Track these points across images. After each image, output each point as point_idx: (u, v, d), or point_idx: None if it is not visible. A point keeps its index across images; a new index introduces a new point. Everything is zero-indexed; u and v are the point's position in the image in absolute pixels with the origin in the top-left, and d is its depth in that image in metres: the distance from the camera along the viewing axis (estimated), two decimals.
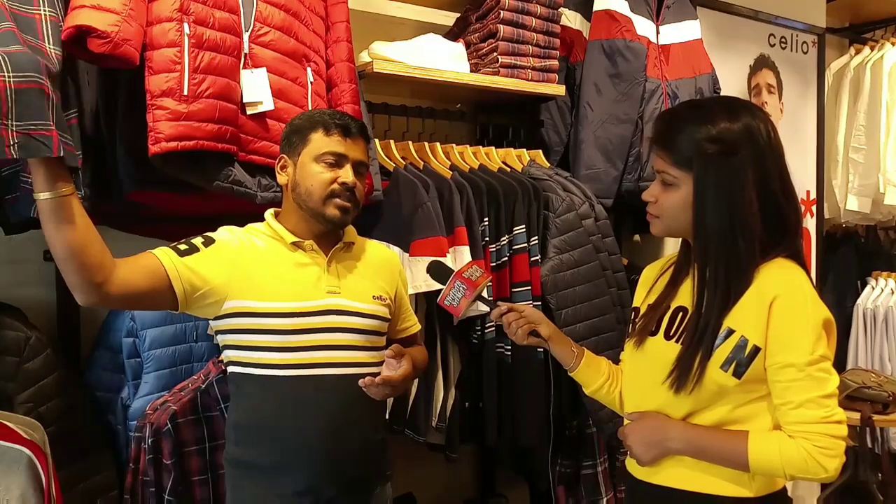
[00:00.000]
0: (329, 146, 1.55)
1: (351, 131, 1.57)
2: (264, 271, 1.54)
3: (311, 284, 1.56)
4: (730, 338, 1.30)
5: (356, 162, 1.58)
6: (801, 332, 1.27)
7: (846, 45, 3.99)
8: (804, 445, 1.25)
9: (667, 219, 1.39)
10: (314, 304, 1.54)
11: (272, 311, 1.51)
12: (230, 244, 1.55)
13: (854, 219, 3.82)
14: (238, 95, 1.74)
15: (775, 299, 1.28)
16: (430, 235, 2.02)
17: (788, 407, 1.27)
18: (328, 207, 1.55)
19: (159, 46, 1.62)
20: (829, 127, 3.77)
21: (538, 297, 2.22)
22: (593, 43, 2.65)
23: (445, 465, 2.30)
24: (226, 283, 1.50)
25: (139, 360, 1.91)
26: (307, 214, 1.57)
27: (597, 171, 2.60)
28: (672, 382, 1.34)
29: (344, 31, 2.02)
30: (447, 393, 2.16)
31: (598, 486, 2.54)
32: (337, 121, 1.57)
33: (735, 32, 3.31)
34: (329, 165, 1.55)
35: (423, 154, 2.30)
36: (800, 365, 1.26)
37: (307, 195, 1.55)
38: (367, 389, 1.51)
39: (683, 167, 1.33)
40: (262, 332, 1.51)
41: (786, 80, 3.51)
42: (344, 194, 1.55)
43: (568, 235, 2.29)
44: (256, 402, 1.54)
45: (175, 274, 1.45)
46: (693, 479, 1.36)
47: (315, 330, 1.53)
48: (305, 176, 1.55)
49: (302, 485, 1.50)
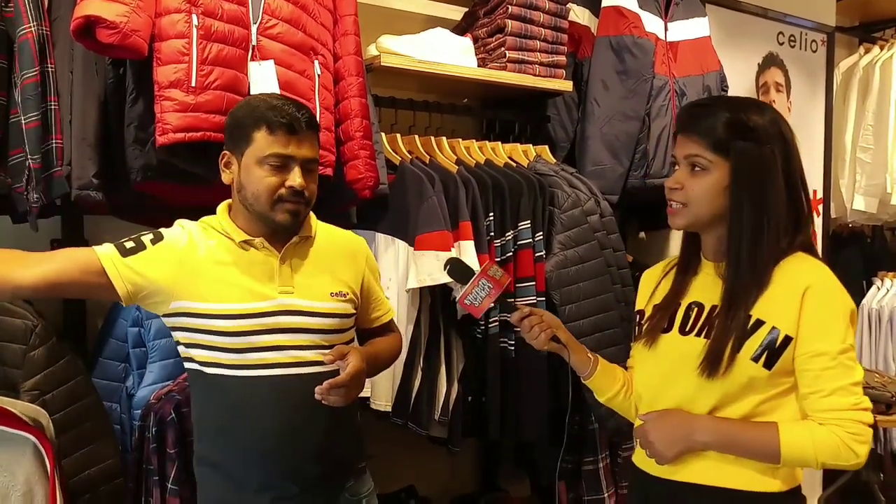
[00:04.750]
0: (273, 147, 1.43)
1: (297, 128, 1.44)
2: (213, 271, 1.46)
3: (262, 284, 1.48)
4: (759, 329, 1.31)
5: (305, 160, 1.46)
6: (833, 321, 1.29)
7: (856, 44, 3.97)
8: (837, 432, 1.26)
9: (694, 206, 1.37)
10: (265, 305, 1.46)
11: (219, 312, 1.44)
12: (178, 243, 1.47)
13: (861, 219, 3.81)
14: (245, 87, 1.74)
15: (808, 289, 1.29)
16: (434, 229, 2.02)
17: (820, 395, 1.28)
18: (277, 213, 1.45)
19: (168, 37, 1.63)
20: (837, 126, 3.76)
21: (542, 293, 2.23)
22: (601, 39, 2.65)
23: (447, 458, 2.31)
24: (172, 284, 1.44)
25: (144, 350, 1.92)
26: (254, 216, 1.48)
27: (603, 167, 2.60)
28: (702, 370, 1.32)
29: (352, 25, 2.02)
30: (450, 386, 2.16)
31: (599, 482, 2.54)
32: (281, 118, 1.43)
33: (744, 30, 3.29)
34: (274, 169, 1.43)
35: (429, 148, 2.31)
36: (832, 353, 1.27)
37: (254, 199, 1.45)
38: (324, 399, 1.42)
39: (719, 152, 1.33)
40: (210, 333, 1.45)
41: (794, 78, 3.50)
42: (292, 199, 1.45)
43: (573, 231, 2.29)
44: (211, 401, 1.50)
45: (115, 273, 1.40)
46: (714, 473, 1.35)
47: (267, 331, 1.46)
48: (250, 180, 1.45)
49: (261, 483, 1.47)
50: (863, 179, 3.70)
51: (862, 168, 3.70)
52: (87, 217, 2.02)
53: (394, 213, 2.12)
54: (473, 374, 2.20)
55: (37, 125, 1.65)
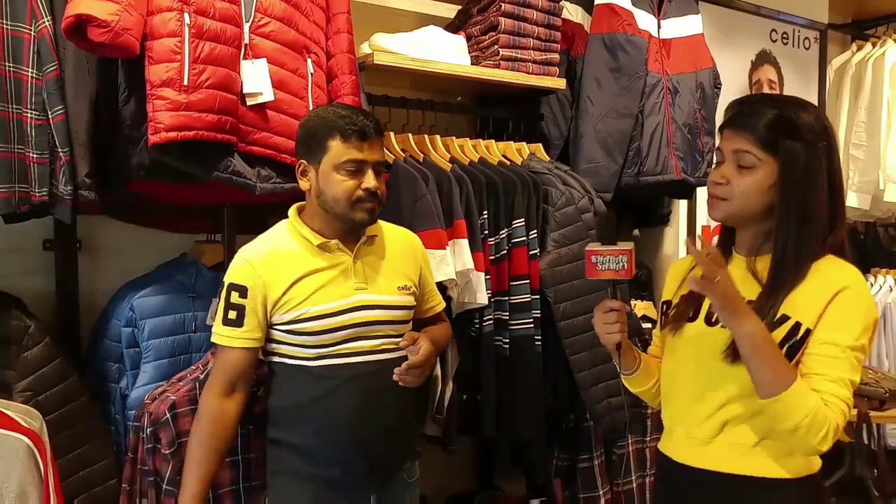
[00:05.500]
0: (349, 154, 1.58)
1: (368, 134, 1.60)
2: (294, 280, 1.60)
3: (340, 284, 1.63)
4: (784, 324, 1.33)
5: (375, 163, 1.62)
6: (853, 318, 1.32)
7: (848, 42, 3.99)
8: (829, 416, 1.27)
9: (737, 202, 1.38)
10: (344, 303, 1.62)
11: (305, 317, 1.59)
12: (257, 281, 1.60)
13: (854, 215, 3.82)
14: (238, 86, 1.74)
15: (842, 291, 1.32)
16: (429, 228, 2.02)
17: (826, 378, 1.30)
18: (356, 213, 1.60)
19: (159, 36, 1.62)
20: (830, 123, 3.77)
21: (536, 291, 2.23)
22: (594, 36, 2.65)
23: (443, 456, 2.30)
24: (266, 311, 1.61)
25: (138, 350, 1.91)
26: (334, 218, 1.62)
27: (597, 165, 2.60)
28: (726, 356, 1.35)
29: (345, 23, 2.01)
30: (445, 385, 2.16)
31: (594, 480, 2.55)
32: (354, 126, 1.58)
33: (737, 27, 3.30)
34: (351, 173, 1.59)
35: (423, 146, 2.30)
36: (843, 346, 1.30)
37: (334, 202, 1.60)
38: (401, 380, 1.63)
39: (768, 149, 1.35)
40: (296, 333, 1.61)
41: (787, 75, 3.51)
42: (369, 199, 1.60)
43: (567, 229, 2.29)
44: (292, 389, 1.65)
45: (255, 346, 1.63)
46: (737, 461, 1.37)
47: (346, 326, 1.62)
48: (329, 185, 1.59)
49: (334, 459, 1.63)
50: (856, 176, 3.71)
51: (855, 165, 3.71)
52: (80, 217, 2.01)
53: (388, 211, 2.10)
54: (468, 373, 2.20)
55: (63, 118, 1.67)
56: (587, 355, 2.26)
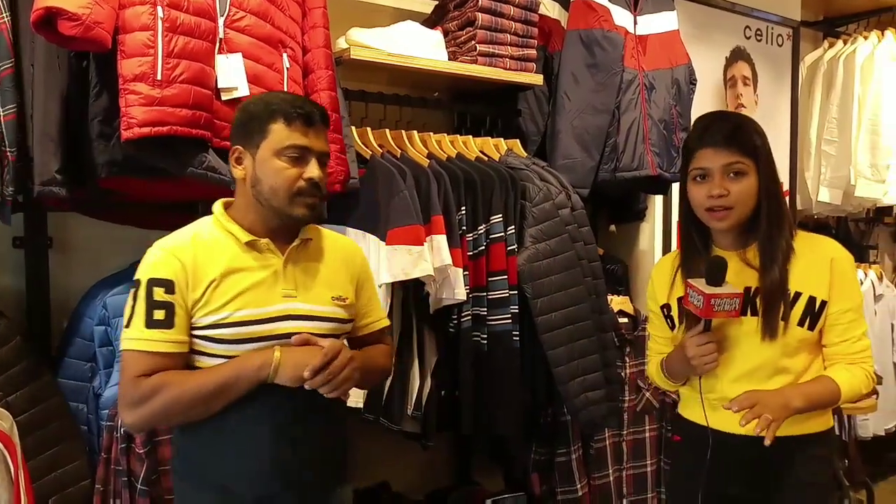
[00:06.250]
0: (292, 138, 1.42)
1: (313, 120, 1.45)
2: (217, 277, 1.41)
3: (267, 289, 1.44)
4: (799, 300, 1.60)
5: (320, 153, 1.47)
6: (851, 282, 1.64)
7: (820, 39, 4.03)
8: (865, 368, 1.62)
9: (740, 206, 1.58)
10: (269, 311, 1.43)
11: (226, 321, 1.40)
12: (182, 274, 1.40)
13: (826, 210, 3.87)
14: (213, 81, 1.72)
15: (834, 260, 1.62)
16: (406, 224, 2.01)
17: (852, 340, 1.61)
18: (295, 207, 1.44)
19: (132, 30, 1.60)
20: (803, 119, 3.81)
21: (514, 286, 2.23)
22: (571, 32, 2.65)
23: (421, 453, 2.30)
24: (188, 311, 1.41)
25: (111, 349, 1.89)
26: (269, 212, 1.45)
27: (574, 160, 2.61)
28: (763, 336, 1.58)
29: (321, 17, 2.00)
30: (423, 381, 2.16)
31: (571, 474, 2.56)
32: (298, 109, 1.43)
33: (712, 24, 3.32)
34: (293, 160, 1.42)
35: (400, 142, 2.29)
36: (854, 307, 1.62)
37: (271, 193, 1.43)
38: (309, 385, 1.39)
39: (751, 156, 1.58)
40: (211, 340, 1.41)
41: (761, 72, 3.54)
42: (311, 191, 1.44)
43: (544, 225, 2.30)
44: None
45: (186, 352, 1.41)
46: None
47: (270, 337, 1.43)
48: (267, 173, 1.43)
49: (254, 491, 1.43)
50: (827, 172, 3.76)
51: (827, 160, 3.76)
52: (51, 214, 1.98)
53: (365, 207, 2.11)
54: (446, 369, 2.20)
55: (13, 118, 1.63)
56: (564, 350, 2.27)
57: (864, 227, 4.27)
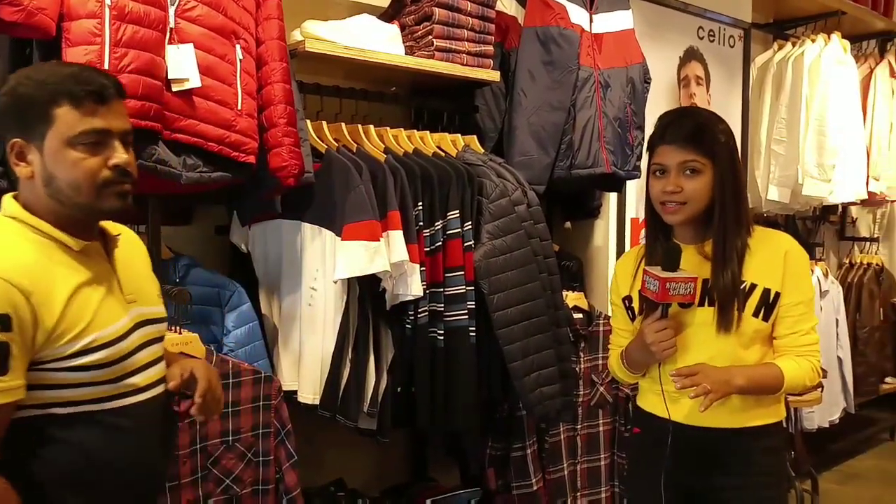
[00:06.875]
0: (84, 123, 1.20)
1: (107, 96, 1.22)
2: (66, 299, 1.19)
3: (115, 300, 1.27)
4: (754, 291, 1.64)
5: (123, 133, 1.25)
6: (804, 276, 1.70)
7: (770, 41, 4.13)
8: (811, 361, 1.66)
9: (693, 203, 1.63)
10: (124, 323, 1.27)
11: (94, 345, 1.21)
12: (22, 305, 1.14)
13: (774, 208, 3.96)
14: (163, 71, 1.68)
15: (787, 253, 1.66)
16: (362, 219, 1.99)
17: (800, 333, 1.66)
18: (105, 200, 1.23)
19: (77, 17, 1.55)
20: (753, 119, 3.90)
21: (471, 283, 2.23)
22: (528, 29, 2.66)
23: (376, 449, 2.30)
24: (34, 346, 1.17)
25: None
26: (73, 210, 1.24)
27: (530, 157, 2.62)
28: (718, 329, 1.63)
29: (275, 9, 1.96)
30: (379, 378, 2.15)
31: (527, 468, 2.58)
32: (87, 86, 1.20)
33: (666, 23, 3.37)
34: (91, 148, 1.21)
35: (357, 136, 2.27)
36: (806, 301, 1.67)
37: (72, 190, 1.21)
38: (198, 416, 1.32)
39: (708, 155, 1.63)
40: (79, 370, 1.21)
41: (713, 72, 3.60)
42: (119, 179, 1.23)
43: (501, 221, 2.30)
44: (65, 448, 1.22)
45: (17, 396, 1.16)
46: (731, 418, 1.66)
47: (134, 350, 1.28)
48: (62, 167, 1.20)
49: None
50: (776, 171, 3.84)
51: (776, 160, 3.85)
52: None
53: (320, 202, 2.08)
54: (403, 365, 2.19)
55: None
56: (520, 346, 2.28)
57: (811, 226, 4.38)
